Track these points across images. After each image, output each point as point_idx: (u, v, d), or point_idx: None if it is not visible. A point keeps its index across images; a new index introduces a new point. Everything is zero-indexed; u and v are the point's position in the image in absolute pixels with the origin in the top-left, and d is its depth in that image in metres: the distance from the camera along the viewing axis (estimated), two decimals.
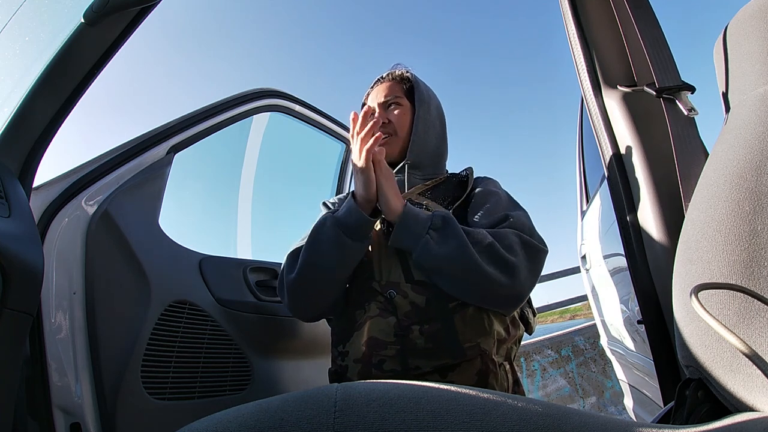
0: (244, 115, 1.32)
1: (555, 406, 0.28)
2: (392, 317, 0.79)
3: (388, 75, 1.04)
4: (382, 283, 0.83)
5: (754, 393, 0.33)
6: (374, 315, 0.81)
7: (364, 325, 0.81)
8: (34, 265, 0.65)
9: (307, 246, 0.82)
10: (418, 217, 0.80)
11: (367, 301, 0.83)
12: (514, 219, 0.84)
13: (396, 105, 0.98)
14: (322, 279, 0.83)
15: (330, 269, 0.82)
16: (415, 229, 0.79)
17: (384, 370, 0.77)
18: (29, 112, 0.77)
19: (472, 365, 0.78)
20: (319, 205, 1.04)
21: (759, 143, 0.40)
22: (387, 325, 0.79)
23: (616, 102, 0.85)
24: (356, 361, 0.80)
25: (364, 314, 0.82)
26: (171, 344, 0.99)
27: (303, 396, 0.26)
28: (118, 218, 0.96)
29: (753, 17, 0.49)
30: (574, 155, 2.14)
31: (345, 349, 0.83)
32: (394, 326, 0.78)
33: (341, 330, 0.87)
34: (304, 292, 0.85)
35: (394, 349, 0.77)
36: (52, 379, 0.83)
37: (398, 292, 0.81)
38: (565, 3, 0.92)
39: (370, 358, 0.78)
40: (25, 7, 0.83)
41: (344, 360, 0.83)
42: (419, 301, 0.79)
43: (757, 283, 0.35)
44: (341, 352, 0.84)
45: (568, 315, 8.42)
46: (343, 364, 0.83)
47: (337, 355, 0.86)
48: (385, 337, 0.78)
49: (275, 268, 1.32)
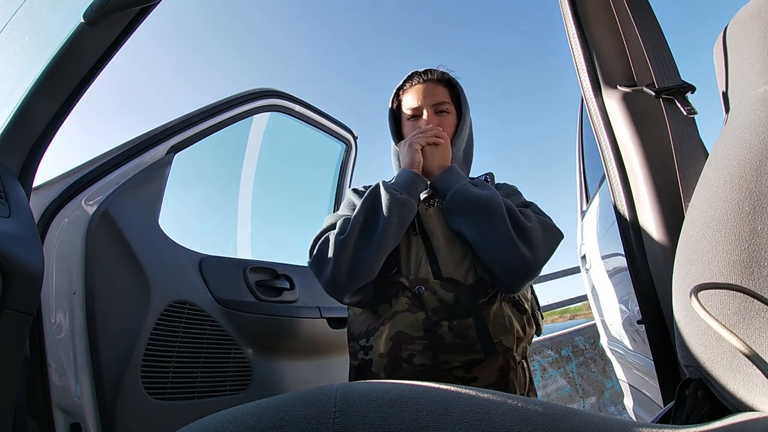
0: (244, 115, 1.32)
1: (555, 406, 0.28)
2: (421, 312, 0.81)
3: (433, 73, 1.00)
4: (411, 279, 0.84)
5: (754, 393, 0.33)
6: (402, 310, 0.82)
7: (391, 320, 0.82)
8: (34, 266, 0.65)
9: (364, 206, 0.84)
10: (461, 173, 0.91)
11: (393, 296, 0.84)
12: (535, 206, 0.92)
13: (446, 112, 0.98)
14: (380, 236, 0.81)
15: (385, 226, 0.82)
16: (457, 177, 0.89)
17: (414, 365, 0.79)
18: (29, 112, 0.77)
19: (496, 361, 0.81)
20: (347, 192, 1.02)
21: (759, 143, 0.40)
22: (416, 320, 0.81)
23: (616, 102, 0.85)
24: (382, 355, 0.81)
25: (390, 309, 0.83)
26: (171, 344, 0.99)
27: (303, 396, 0.26)
28: (118, 218, 0.96)
29: (753, 17, 0.49)
30: (574, 155, 2.14)
31: (369, 344, 0.83)
32: (423, 321, 0.80)
33: (363, 324, 0.87)
34: (357, 252, 0.82)
35: (422, 344, 0.79)
36: (52, 379, 0.83)
37: (426, 288, 0.83)
38: (565, 3, 0.92)
39: (398, 353, 0.80)
40: (25, 7, 0.83)
41: (367, 354, 0.83)
42: (447, 298, 0.82)
43: (757, 283, 0.35)
44: (364, 347, 0.84)
45: (568, 315, 8.43)
46: (366, 359, 0.83)
47: (358, 349, 0.86)
48: (413, 332, 0.80)
49: (275, 268, 1.32)
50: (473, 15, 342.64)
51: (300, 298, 1.33)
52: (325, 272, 0.82)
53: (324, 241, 0.84)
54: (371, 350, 0.83)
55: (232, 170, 1.70)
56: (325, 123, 1.65)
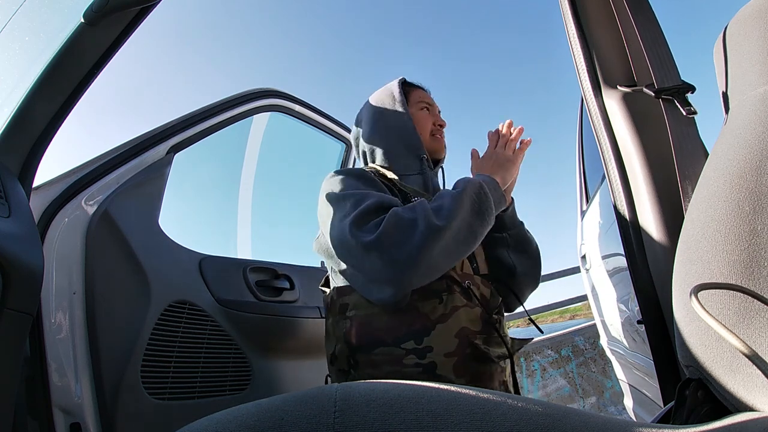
0: (244, 115, 1.32)
1: (555, 406, 0.28)
2: (478, 307, 0.82)
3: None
4: (460, 274, 0.84)
5: (754, 393, 0.33)
6: (461, 305, 0.79)
7: (451, 316, 0.77)
8: (34, 266, 0.65)
9: (468, 206, 0.77)
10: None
11: (444, 291, 0.79)
12: None
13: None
14: (470, 244, 0.77)
15: (476, 237, 0.78)
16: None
17: (479, 361, 0.79)
18: (29, 112, 0.77)
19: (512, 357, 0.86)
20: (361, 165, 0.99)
21: (759, 143, 0.40)
22: (475, 315, 0.81)
23: (616, 102, 0.85)
24: (449, 354, 0.75)
25: (443, 304, 0.78)
26: (171, 344, 0.99)
27: (303, 396, 0.26)
28: (118, 218, 0.96)
29: (753, 17, 0.49)
30: (574, 155, 2.14)
31: (425, 345, 0.75)
32: (481, 315, 0.81)
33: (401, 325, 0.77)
34: (448, 247, 0.74)
35: (481, 338, 0.80)
36: (52, 379, 0.83)
37: (473, 284, 0.83)
38: (565, 3, 0.92)
39: (465, 350, 0.77)
40: (25, 7, 0.83)
41: (425, 357, 0.75)
42: (486, 293, 0.85)
43: (757, 283, 0.35)
44: (417, 349, 0.75)
45: (568, 315, 8.43)
46: (425, 362, 0.75)
47: (411, 350, 0.76)
48: (474, 327, 0.80)
49: (275, 268, 1.32)
50: (473, 15, 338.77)
51: (300, 298, 1.33)
52: (399, 253, 0.70)
53: (399, 218, 0.73)
54: (431, 352, 0.75)
55: (232, 170, 1.70)
56: (325, 123, 1.65)
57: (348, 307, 0.82)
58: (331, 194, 0.83)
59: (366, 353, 0.78)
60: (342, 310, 0.83)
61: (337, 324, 0.83)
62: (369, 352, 0.78)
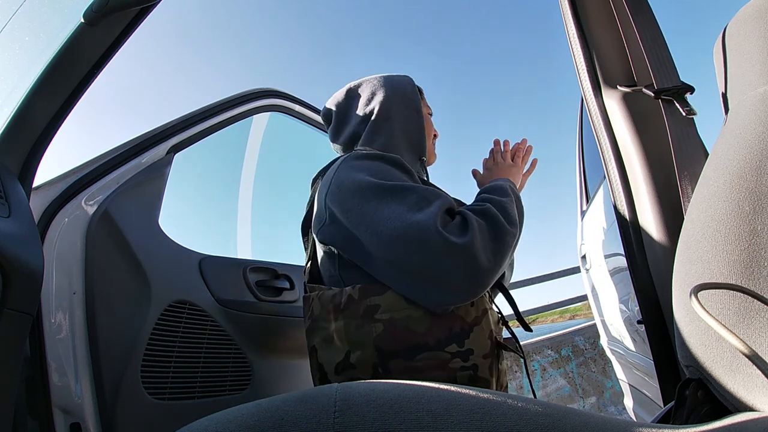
0: (244, 115, 1.32)
1: (555, 406, 0.28)
2: (495, 308, 0.84)
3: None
4: None
5: (754, 393, 0.33)
6: (489, 307, 0.80)
7: (483, 318, 0.77)
8: (34, 266, 0.65)
9: (518, 211, 0.81)
10: None
11: None
12: None
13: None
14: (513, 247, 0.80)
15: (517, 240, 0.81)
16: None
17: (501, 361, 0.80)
18: (29, 112, 0.77)
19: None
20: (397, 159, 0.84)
21: (759, 143, 0.40)
22: (495, 316, 0.83)
23: (616, 102, 0.85)
24: (486, 356, 0.74)
25: (476, 307, 0.76)
26: (171, 344, 0.99)
27: (303, 396, 0.26)
28: (118, 218, 0.96)
29: (753, 17, 0.49)
30: (574, 155, 2.14)
31: (467, 347, 0.73)
32: (498, 316, 0.84)
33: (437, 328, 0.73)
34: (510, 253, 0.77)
35: (498, 339, 0.81)
36: (52, 379, 0.83)
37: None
38: (565, 3, 0.93)
39: (494, 351, 0.77)
40: (25, 7, 0.83)
41: (468, 360, 0.73)
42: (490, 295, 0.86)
43: (757, 283, 0.35)
44: (461, 352, 0.73)
45: (568, 315, 8.42)
46: (469, 364, 0.73)
47: (455, 354, 0.72)
48: (495, 328, 0.80)
49: (275, 268, 1.32)
50: (473, 15, 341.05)
51: (300, 298, 1.33)
52: (485, 260, 0.69)
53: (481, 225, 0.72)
54: (472, 354, 0.73)
55: (232, 170, 1.70)
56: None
57: (379, 309, 0.73)
58: (379, 182, 0.76)
59: (407, 359, 0.71)
60: (369, 312, 0.74)
61: (359, 329, 0.74)
62: (411, 358, 0.71)
